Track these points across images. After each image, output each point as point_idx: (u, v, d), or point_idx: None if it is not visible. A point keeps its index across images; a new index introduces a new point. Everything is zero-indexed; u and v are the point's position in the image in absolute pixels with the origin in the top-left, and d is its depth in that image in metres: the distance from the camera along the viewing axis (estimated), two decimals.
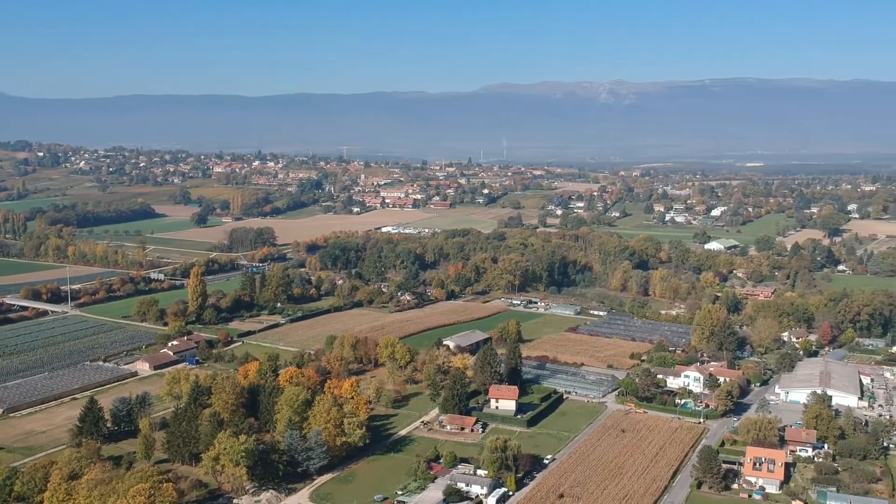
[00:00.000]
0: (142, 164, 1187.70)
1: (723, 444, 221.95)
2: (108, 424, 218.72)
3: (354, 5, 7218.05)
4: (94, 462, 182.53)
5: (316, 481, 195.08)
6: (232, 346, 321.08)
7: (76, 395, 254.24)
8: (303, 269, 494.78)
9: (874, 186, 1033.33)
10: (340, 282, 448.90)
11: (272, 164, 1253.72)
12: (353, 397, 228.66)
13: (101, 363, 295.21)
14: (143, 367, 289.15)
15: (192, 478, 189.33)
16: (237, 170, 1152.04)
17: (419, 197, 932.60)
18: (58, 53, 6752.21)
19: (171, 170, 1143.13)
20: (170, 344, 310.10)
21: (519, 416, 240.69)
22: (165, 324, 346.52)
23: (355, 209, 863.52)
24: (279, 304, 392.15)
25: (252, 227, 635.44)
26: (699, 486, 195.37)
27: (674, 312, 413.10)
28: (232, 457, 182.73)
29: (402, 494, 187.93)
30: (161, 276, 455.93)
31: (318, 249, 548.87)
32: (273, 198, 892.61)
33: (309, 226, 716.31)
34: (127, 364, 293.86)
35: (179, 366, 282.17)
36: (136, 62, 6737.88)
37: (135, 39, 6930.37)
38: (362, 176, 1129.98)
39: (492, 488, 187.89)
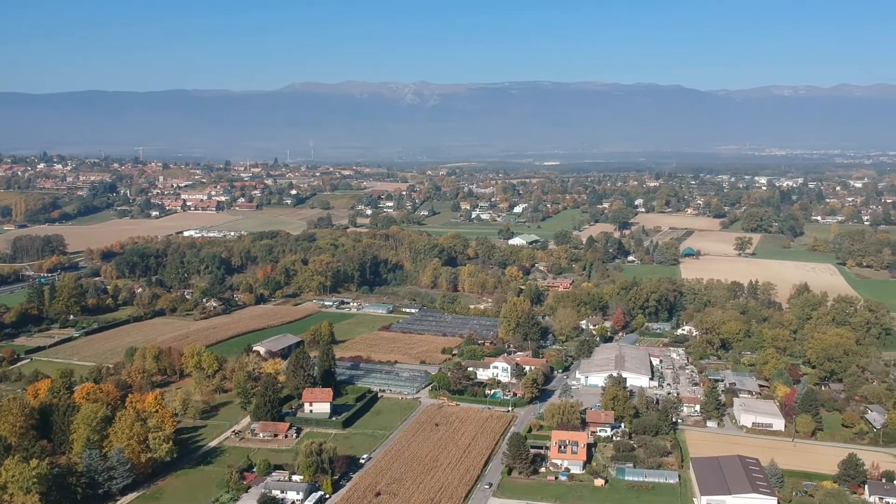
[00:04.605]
0: None
1: (530, 430, 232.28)
2: None
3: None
4: None
5: (119, 502, 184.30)
6: (19, 363, 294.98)
7: None
8: (98, 278, 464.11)
9: (657, 182, 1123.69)
10: (140, 290, 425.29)
11: (60, 166, 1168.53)
12: (157, 410, 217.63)
13: None
14: None
15: None
16: (19, 173, 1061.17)
17: (223, 199, 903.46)
18: None
19: None
20: None
21: (334, 418, 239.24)
22: None
23: (154, 213, 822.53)
24: (72, 317, 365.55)
25: (39, 235, 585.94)
26: (510, 472, 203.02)
27: (482, 306, 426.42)
28: (22, 484, 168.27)
29: None
30: None
31: (115, 256, 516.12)
32: (62, 203, 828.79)
33: (103, 232, 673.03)
34: None
35: None
36: None
37: None
38: (161, 178, 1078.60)
39: (308, 492, 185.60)
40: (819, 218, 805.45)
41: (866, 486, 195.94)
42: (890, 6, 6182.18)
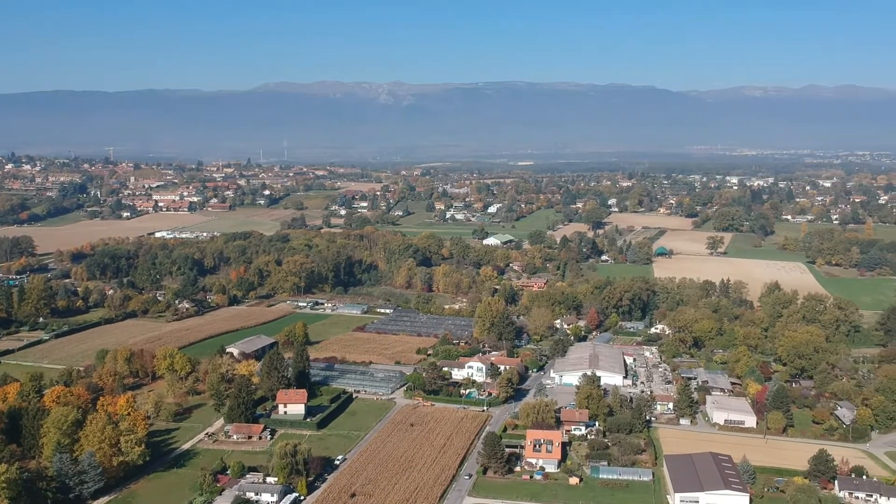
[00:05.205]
0: None
1: (505, 429, 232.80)
2: None
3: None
4: None
5: None
6: None
7: None
8: (68, 280, 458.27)
9: (630, 182, 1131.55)
10: (111, 292, 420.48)
11: (28, 166, 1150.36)
12: (129, 413, 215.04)
13: None
14: None
15: None
16: None
17: (196, 199, 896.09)
18: None
19: None
20: None
21: (308, 420, 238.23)
22: None
23: (125, 214, 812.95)
24: (42, 319, 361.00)
25: (7, 236, 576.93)
26: (485, 471, 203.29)
27: (457, 306, 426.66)
28: None
29: None
30: None
31: (85, 258, 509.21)
32: (31, 204, 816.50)
33: (74, 233, 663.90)
34: None
35: None
36: None
37: None
38: (132, 178, 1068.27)
39: (282, 494, 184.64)
40: (789, 217, 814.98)
41: (836, 482, 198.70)
42: (855, 9, 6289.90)
